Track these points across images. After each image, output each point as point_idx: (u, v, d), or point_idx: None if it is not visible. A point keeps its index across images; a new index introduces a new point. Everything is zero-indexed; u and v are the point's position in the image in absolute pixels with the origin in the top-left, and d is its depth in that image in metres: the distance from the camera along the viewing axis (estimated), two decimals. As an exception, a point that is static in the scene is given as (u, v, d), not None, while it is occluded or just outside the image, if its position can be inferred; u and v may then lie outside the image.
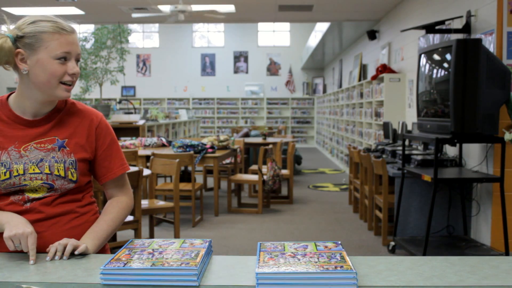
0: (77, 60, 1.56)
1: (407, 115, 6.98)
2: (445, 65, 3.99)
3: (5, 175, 1.53)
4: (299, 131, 17.48)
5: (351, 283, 1.19)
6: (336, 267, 1.23)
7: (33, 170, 1.55)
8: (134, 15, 8.28)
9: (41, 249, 1.52)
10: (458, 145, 4.47)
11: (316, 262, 1.27)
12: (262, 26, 17.13)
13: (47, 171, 1.56)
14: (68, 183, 1.59)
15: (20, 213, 1.56)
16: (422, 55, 4.38)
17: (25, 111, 1.58)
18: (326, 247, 1.41)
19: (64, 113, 1.63)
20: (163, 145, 6.70)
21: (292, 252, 1.36)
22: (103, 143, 1.67)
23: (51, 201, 1.59)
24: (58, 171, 1.57)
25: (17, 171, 1.53)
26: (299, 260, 1.29)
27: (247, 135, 9.71)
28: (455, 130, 3.67)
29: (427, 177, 3.82)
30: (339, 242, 1.47)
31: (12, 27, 1.53)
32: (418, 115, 4.45)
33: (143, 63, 17.32)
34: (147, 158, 5.40)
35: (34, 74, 1.51)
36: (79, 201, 1.66)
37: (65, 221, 1.62)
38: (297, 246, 1.42)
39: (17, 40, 1.51)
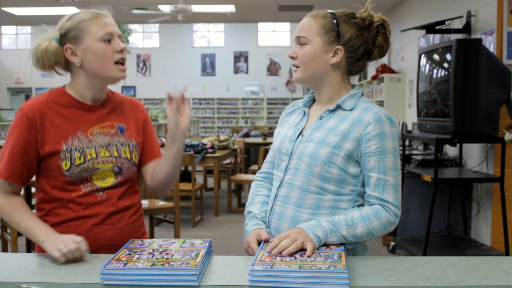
0: (122, 42, 1.61)
1: (407, 115, 6.99)
2: (445, 65, 3.99)
3: (79, 159, 1.56)
4: (299, 131, 17.45)
5: (343, 282, 1.18)
6: (329, 266, 1.22)
7: (104, 153, 1.60)
8: (135, 11, 8.27)
9: (115, 242, 1.58)
10: (458, 145, 4.47)
11: (312, 262, 1.27)
12: (262, 26, 17.13)
13: (115, 154, 1.62)
14: (132, 166, 1.68)
15: (96, 204, 1.59)
16: (422, 55, 4.38)
17: (84, 98, 1.62)
18: (327, 246, 1.41)
19: (115, 101, 1.70)
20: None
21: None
22: (149, 129, 1.79)
23: (121, 193, 1.65)
24: (125, 153, 1.64)
25: (90, 155, 1.58)
26: (296, 259, 1.29)
27: (247, 135, 9.71)
28: (455, 130, 3.67)
29: (427, 177, 3.82)
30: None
31: (53, 31, 1.60)
32: (418, 115, 4.45)
33: (143, 63, 17.32)
34: (147, 158, 5.39)
35: (87, 62, 1.57)
36: (136, 194, 1.74)
37: (129, 215, 1.68)
38: None
39: (61, 39, 1.58)
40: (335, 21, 1.53)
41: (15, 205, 1.55)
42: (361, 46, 1.55)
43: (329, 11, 1.57)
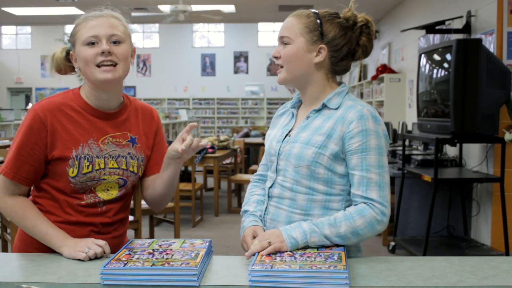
0: (116, 42, 1.54)
1: (407, 115, 6.99)
2: (445, 65, 3.99)
3: (87, 168, 1.53)
4: (299, 131, 17.43)
5: (343, 283, 1.18)
6: (329, 266, 1.22)
7: (112, 165, 1.57)
8: (134, 14, 8.27)
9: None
10: (458, 145, 4.47)
11: (312, 262, 1.27)
12: (262, 26, 17.13)
13: (124, 166, 1.59)
14: (136, 179, 1.65)
15: (95, 215, 1.58)
16: (422, 55, 4.38)
17: (97, 104, 1.58)
18: (327, 247, 1.41)
19: (130, 110, 1.65)
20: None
21: (291, 251, 1.36)
22: (159, 139, 1.72)
23: (120, 206, 1.63)
24: (133, 167, 1.61)
25: (99, 165, 1.55)
26: (295, 259, 1.29)
27: (247, 135, 9.72)
28: (455, 130, 3.67)
29: (427, 177, 3.82)
30: None
31: None
32: (418, 115, 4.45)
33: (143, 63, 17.32)
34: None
35: (80, 68, 1.56)
36: (129, 207, 1.71)
37: (119, 227, 1.67)
38: None
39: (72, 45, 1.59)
40: (318, 21, 1.54)
41: (27, 208, 1.52)
42: (344, 46, 1.55)
43: (313, 10, 1.57)
